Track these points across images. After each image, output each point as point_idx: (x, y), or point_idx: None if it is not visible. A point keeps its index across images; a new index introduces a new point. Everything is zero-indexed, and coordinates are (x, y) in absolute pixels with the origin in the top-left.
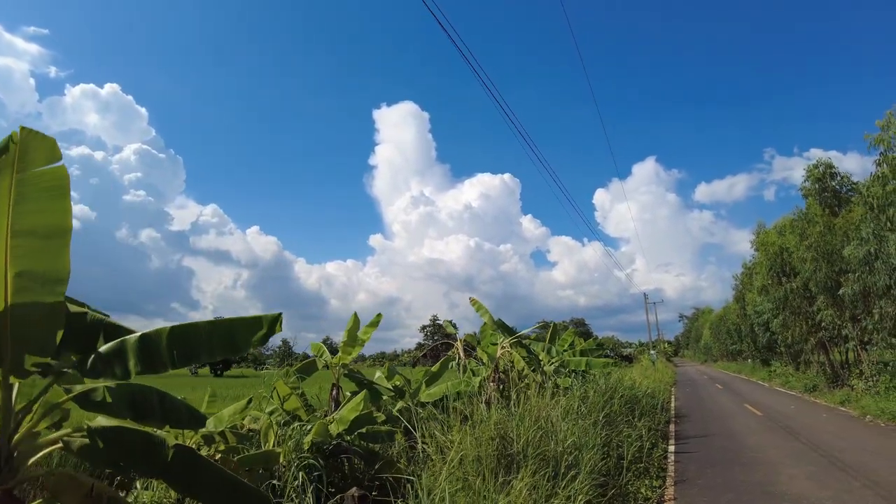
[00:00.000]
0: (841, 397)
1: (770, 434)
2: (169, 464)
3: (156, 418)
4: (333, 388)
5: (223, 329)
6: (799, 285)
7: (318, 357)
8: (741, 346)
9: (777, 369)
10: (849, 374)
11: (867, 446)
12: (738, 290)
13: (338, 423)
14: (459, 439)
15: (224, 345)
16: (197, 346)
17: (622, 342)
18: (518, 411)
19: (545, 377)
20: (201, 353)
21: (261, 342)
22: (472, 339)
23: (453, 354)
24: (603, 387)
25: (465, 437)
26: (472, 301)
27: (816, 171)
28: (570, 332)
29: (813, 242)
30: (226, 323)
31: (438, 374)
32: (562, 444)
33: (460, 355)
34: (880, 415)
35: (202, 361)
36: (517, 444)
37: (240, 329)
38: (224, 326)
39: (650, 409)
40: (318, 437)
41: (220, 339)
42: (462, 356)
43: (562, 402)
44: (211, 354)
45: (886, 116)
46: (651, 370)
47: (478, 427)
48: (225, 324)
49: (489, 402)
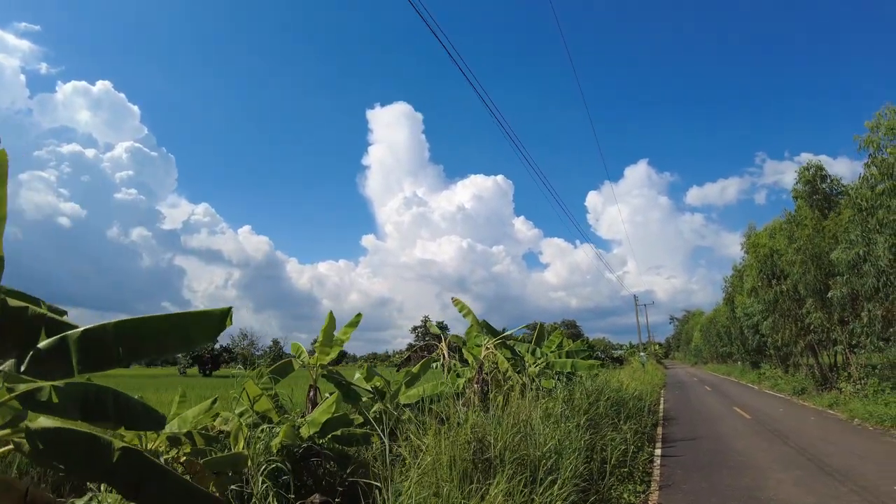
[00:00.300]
0: (829, 400)
1: (758, 437)
2: (114, 467)
3: (109, 419)
4: (311, 390)
5: (172, 323)
6: (788, 287)
7: (297, 357)
8: (731, 349)
9: (766, 372)
10: (837, 377)
11: (855, 450)
12: (728, 293)
13: (309, 425)
14: (434, 443)
15: (174, 340)
16: (145, 341)
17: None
18: (495, 414)
19: (529, 379)
20: (150, 348)
21: (211, 337)
22: (457, 340)
23: (438, 356)
24: (589, 389)
25: (441, 441)
26: (455, 301)
27: (807, 174)
28: (557, 333)
29: (801, 245)
30: (175, 317)
31: (419, 376)
32: (541, 449)
33: (445, 356)
34: (868, 418)
35: (152, 358)
36: (494, 449)
37: (190, 323)
38: (173, 321)
39: (637, 412)
40: (288, 440)
41: (169, 333)
42: (447, 357)
43: (542, 404)
44: (161, 350)
45: (875, 118)
46: (640, 372)
47: (454, 430)
48: (174, 318)
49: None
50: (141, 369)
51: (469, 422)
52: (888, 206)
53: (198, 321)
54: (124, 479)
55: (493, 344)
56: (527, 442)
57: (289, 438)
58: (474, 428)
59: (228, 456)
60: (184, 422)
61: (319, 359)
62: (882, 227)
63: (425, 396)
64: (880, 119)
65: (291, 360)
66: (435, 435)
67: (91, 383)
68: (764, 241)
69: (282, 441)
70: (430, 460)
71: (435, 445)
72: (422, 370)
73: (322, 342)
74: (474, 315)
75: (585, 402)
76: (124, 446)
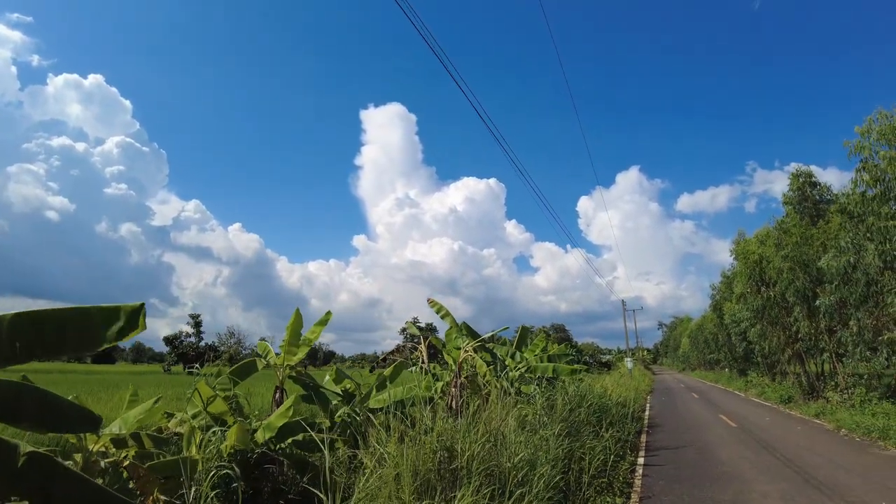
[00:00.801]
0: (816, 409)
1: (743, 447)
2: (19, 472)
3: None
4: (276, 392)
5: (76, 319)
6: (776, 294)
7: (263, 357)
8: (718, 356)
9: (753, 379)
10: (824, 387)
11: (842, 462)
12: (716, 300)
13: (264, 429)
14: (396, 451)
15: (78, 337)
16: (45, 337)
17: (602, 349)
18: (464, 421)
19: (509, 383)
20: (50, 346)
21: (118, 336)
22: (437, 342)
23: (417, 358)
24: (571, 394)
25: (406, 449)
26: (431, 303)
27: (798, 181)
28: (541, 337)
29: (789, 252)
30: (78, 312)
31: (392, 378)
32: (513, 459)
33: (424, 359)
34: (855, 429)
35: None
36: (462, 459)
37: (95, 320)
38: (76, 316)
39: (621, 419)
40: (240, 444)
41: (72, 330)
42: (426, 360)
43: (514, 411)
44: (61, 348)
45: (867, 122)
46: (627, 378)
47: (419, 438)
48: (77, 313)
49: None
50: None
51: (436, 429)
52: (879, 213)
53: (106, 318)
54: (32, 486)
55: (471, 347)
56: (498, 451)
57: (241, 443)
58: (441, 436)
59: (174, 460)
60: (125, 423)
61: (286, 359)
62: (873, 233)
63: (396, 401)
64: (871, 124)
65: (255, 360)
66: (398, 443)
67: (11, 381)
68: (753, 248)
69: (234, 445)
70: (389, 470)
71: (397, 454)
72: (393, 373)
73: (289, 341)
74: (452, 317)
75: (566, 409)
76: (31, 451)
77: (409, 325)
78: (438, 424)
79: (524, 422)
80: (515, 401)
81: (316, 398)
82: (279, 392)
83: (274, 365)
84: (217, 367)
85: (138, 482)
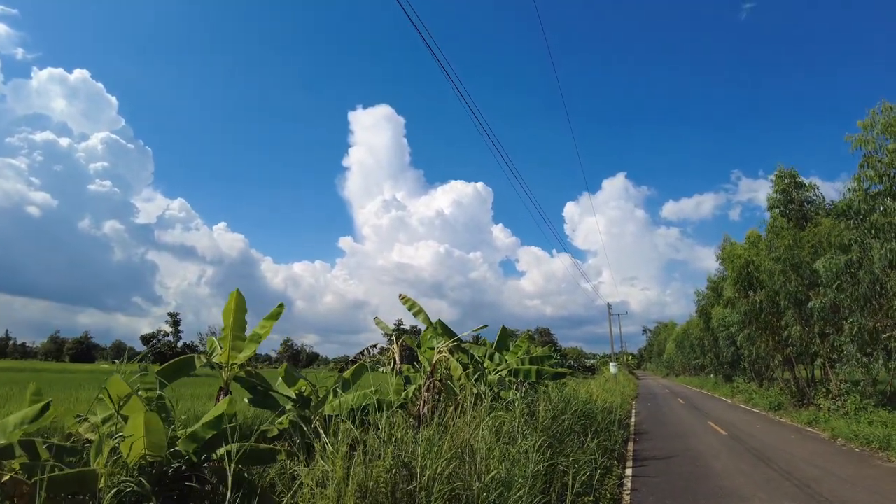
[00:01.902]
0: (808, 417)
1: (737, 458)
2: None
3: None
4: (220, 394)
5: None
6: (764, 298)
7: (210, 354)
8: (704, 361)
9: (740, 385)
10: (815, 393)
11: (845, 475)
12: (702, 305)
13: (187, 438)
14: (340, 468)
15: None
16: None
17: (586, 353)
18: (427, 433)
19: (487, 387)
20: None
21: None
22: (411, 342)
23: (388, 359)
24: (555, 400)
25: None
26: (403, 299)
27: (782, 182)
28: (524, 338)
29: (781, 255)
30: None
31: (353, 381)
32: (484, 478)
33: (396, 360)
34: (853, 438)
35: None
36: (421, 478)
37: None
38: None
39: (607, 426)
40: (154, 455)
41: None
42: (398, 361)
43: (492, 419)
44: None
45: (870, 115)
46: (612, 382)
47: (373, 451)
48: None
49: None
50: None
51: (391, 443)
52: (884, 209)
53: None
54: None
55: (446, 347)
56: (467, 469)
57: (154, 452)
58: (398, 451)
59: (73, 473)
60: (2, 430)
61: (232, 357)
62: (877, 230)
63: (355, 407)
64: (875, 117)
65: (193, 358)
66: (345, 459)
67: None
68: (739, 252)
69: (145, 456)
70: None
71: (341, 471)
72: (354, 375)
73: (232, 334)
74: (426, 314)
75: (548, 417)
76: None
77: (380, 323)
78: (397, 433)
79: (501, 431)
80: (491, 407)
81: (264, 402)
82: (223, 395)
83: (217, 364)
84: (144, 364)
85: (20, 501)
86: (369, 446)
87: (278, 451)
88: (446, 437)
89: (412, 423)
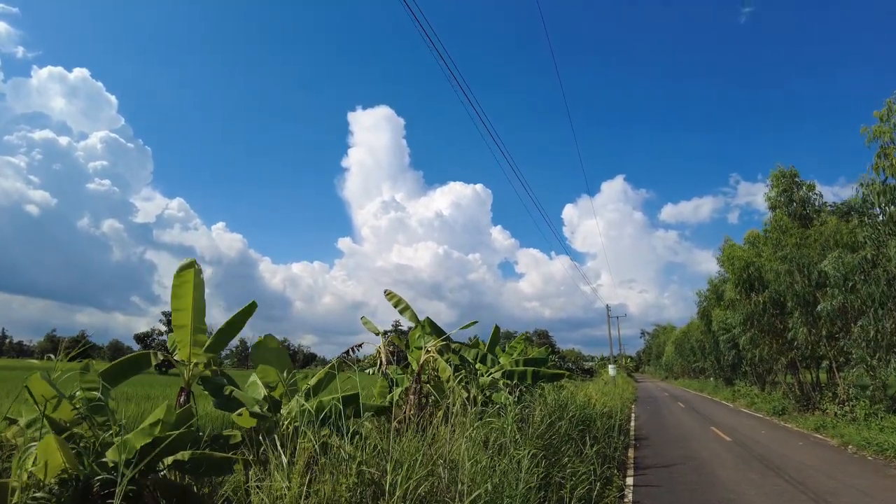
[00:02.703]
0: (815, 423)
1: (744, 466)
2: None
3: None
4: (181, 396)
5: None
6: (766, 299)
7: (172, 352)
8: (704, 364)
9: (741, 389)
10: (821, 398)
11: (863, 487)
12: (703, 307)
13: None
14: (297, 486)
15: None
16: None
17: (584, 356)
18: (398, 446)
19: (479, 391)
20: None
21: None
22: (399, 341)
23: (374, 359)
24: (551, 404)
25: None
26: (389, 294)
27: (782, 181)
28: (519, 339)
29: (788, 254)
30: None
31: (325, 384)
32: (464, 499)
33: (382, 361)
34: (865, 446)
35: None
36: (390, 498)
37: None
38: None
39: (606, 432)
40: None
41: None
42: (384, 362)
43: (480, 427)
44: None
45: (886, 105)
46: (611, 385)
47: (335, 465)
48: None
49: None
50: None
51: (359, 455)
52: None
53: None
54: None
55: (435, 346)
56: (445, 486)
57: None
58: (363, 466)
59: None
60: None
61: (193, 355)
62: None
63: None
64: (892, 107)
65: (149, 355)
66: (303, 474)
67: None
68: (740, 254)
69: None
70: None
71: (298, 490)
72: (328, 376)
73: (193, 326)
74: (413, 311)
75: (544, 423)
76: None
77: (366, 322)
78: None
79: (490, 440)
80: (482, 413)
81: (230, 405)
82: (184, 396)
83: (178, 362)
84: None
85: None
86: (333, 459)
87: (235, 460)
88: (424, 448)
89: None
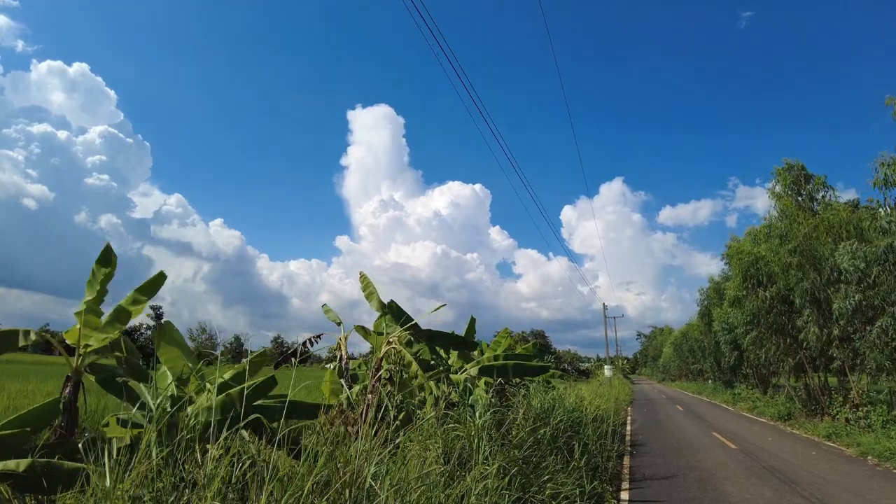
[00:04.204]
0: (826, 430)
1: (756, 480)
2: None
3: None
4: (66, 387)
5: None
6: (773, 295)
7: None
8: (703, 366)
9: (742, 392)
10: (830, 402)
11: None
12: (704, 306)
13: None
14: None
15: None
16: None
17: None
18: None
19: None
20: None
21: None
22: (362, 332)
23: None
24: (536, 408)
25: None
26: (361, 277)
27: (788, 175)
28: (504, 333)
29: (798, 246)
30: None
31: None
32: None
33: (344, 353)
34: (889, 457)
35: None
36: None
37: None
38: None
39: (599, 438)
40: None
41: None
42: (346, 355)
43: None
44: None
45: None
46: (606, 386)
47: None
48: None
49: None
50: None
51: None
52: None
53: None
54: None
55: (399, 336)
56: None
57: None
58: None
59: None
60: None
61: (84, 336)
62: None
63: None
64: None
65: (16, 333)
66: None
67: None
68: (747, 248)
69: None
70: None
71: None
72: (252, 367)
73: (87, 306)
74: (378, 297)
75: (524, 429)
76: None
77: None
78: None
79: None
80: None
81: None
82: (69, 388)
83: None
84: None
85: None
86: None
87: (83, 468)
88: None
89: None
